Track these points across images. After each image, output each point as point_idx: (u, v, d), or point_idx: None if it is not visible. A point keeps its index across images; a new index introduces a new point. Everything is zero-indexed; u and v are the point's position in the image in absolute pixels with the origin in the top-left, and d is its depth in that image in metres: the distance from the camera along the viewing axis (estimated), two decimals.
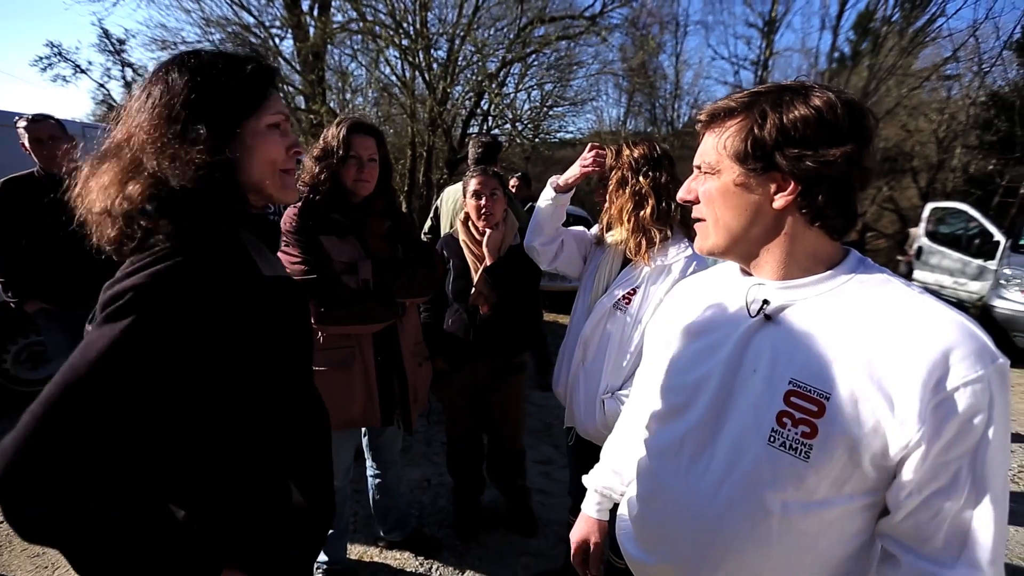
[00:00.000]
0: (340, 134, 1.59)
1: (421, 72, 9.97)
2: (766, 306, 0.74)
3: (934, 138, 12.62)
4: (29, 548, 2.24)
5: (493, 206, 2.02)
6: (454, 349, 2.13)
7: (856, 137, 0.66)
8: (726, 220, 0.75)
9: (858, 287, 0.70)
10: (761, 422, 0.71)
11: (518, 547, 2.32)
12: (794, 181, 0.69)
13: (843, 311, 0.69)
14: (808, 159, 0.67)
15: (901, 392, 0.63)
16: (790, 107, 0.68)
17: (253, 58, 0.83)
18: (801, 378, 0.69)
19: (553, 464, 3.14)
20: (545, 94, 11.58)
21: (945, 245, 6.99)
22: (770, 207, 0.71)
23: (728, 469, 0.74)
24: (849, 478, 0.67)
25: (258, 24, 9.97)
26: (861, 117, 0.67)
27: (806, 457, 0.67)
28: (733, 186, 0.73)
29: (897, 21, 11.82)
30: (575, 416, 1.62)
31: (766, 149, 0.69)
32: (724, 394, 0.77)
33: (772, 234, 0.73)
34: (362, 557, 2.22)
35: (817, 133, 0.66)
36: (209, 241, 0.76)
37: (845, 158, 0.65)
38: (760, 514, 0.71)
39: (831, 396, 0.66)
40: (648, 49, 12.02)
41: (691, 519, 0.78)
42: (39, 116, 2.62)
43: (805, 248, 0.73)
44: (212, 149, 0.75)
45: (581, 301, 1.66)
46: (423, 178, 10.79)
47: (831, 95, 0.67)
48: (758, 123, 0.69)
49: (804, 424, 0.68)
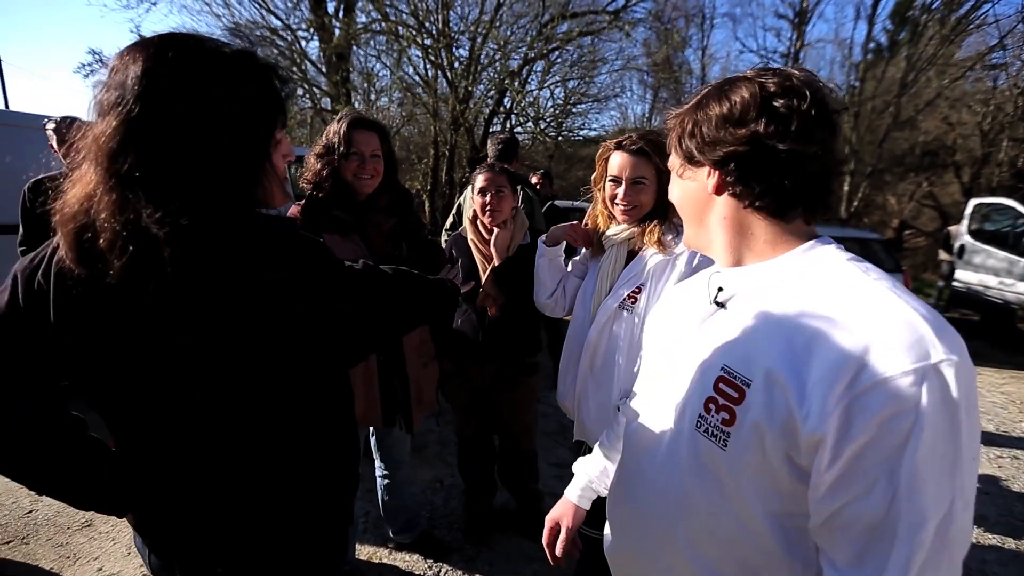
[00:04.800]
0: (341, 130, 1.57)
1: (443, 71, 10.01)
2: (720, 293, 0.77)
3: (978, 131, 12.05)
4: (54, 538, 2.31)
5: (499, 203, 1.96)
6: (463, 349, 2.10)
7: (765, 118, 0.67)
8: (681, 211, 0.82)
9: (808, 272, 0.68)
10: (693, 407, 0.72)
11: (529, 552, 2.27)
12: (711, 165, 0.72)
13: (785, 296, 0.67)
14: (712, 143, 0.71)
15: (812, 384, 0.57)
16: (709, 104, 0.72)
17: (272, 64, 0.80)
18: (731, 364, 0.68)
19: (568, 467, 3.06)
20: (568, 91, 11.49)
21: (990, 243, 6.61)
22: (707, 193, 0.75)
23: (667, 456, 0.77)
24: (764, 473, 0.63)
25: (285, 27, 10.17)
26: (780, 97, 0.66)
27: (724, 445, 0.66)
28: (678, 178, 0.80)
29: (938, 8, 11.27)
30: (585, 428, 1.54)
31: (688, 140, 0.74)
32: (676, 381, 0.79)
33: (716, 220, 0.76)
34: (371, 558, 2.21)
35: (723, 122, 0.69)
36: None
37: (746, 139, 0.67)
38: (689, 504, 0.72)
39: (751, 383, 0.64)
40: (672, 43, 11.76)
41: (640, 506, 0.82)
42: (68, 118, 2.70)
43: (753, 232, 0.73)
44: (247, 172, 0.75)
45: (580, 308, 1.59)
46: (445, 177, 10.83)
47: (755, 86, 0.68)
48: (683, 119, 0.76)
49: (725, 411, 0.67)
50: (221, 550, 0.84)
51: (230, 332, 0.74)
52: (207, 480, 0.81)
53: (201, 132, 0.70)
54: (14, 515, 2.45)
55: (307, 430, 0.87)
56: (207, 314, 0.73)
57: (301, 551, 0.88)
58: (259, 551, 0.85)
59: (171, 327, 0.73)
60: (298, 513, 0.88)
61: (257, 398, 0.78)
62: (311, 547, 0.90)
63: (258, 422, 0.80)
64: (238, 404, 0.78)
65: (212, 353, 0.74)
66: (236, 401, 0.78)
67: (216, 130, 0.71)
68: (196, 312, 0.72)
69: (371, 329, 0.97)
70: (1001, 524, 2.67)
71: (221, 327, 0.73)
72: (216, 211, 0.72)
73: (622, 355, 1.44)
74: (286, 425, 0.83)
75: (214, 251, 0.72)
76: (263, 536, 0.85)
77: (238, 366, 0.76)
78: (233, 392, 0.77)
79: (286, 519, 0.86)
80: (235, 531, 0.83)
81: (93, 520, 2.42)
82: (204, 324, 0.73)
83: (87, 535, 2.33)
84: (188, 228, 0.69)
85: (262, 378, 0.77)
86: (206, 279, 0.72)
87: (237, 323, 0.73)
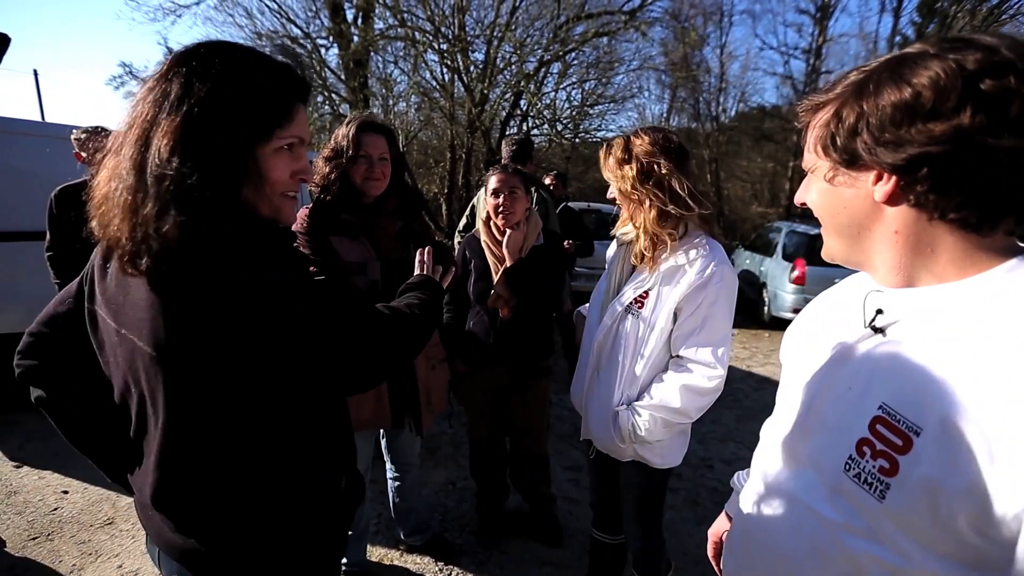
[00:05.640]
0: (350, 133, 1.58)
1: (459, 75, 10.07)
2: (879, 316, 0.64)
3: None
4: (77, 535, 2.37)
5: (512, 205, 1.95)
6: (474, 352, 2.09)
7: (971, 106, 0.51)
8: (828, 221, 0.68)
9: (1003, 300, 0.54)
10: (841, 447, 0.62)
11: (541, 557, 2.25)
12: (889, 170, 0.58)
13: (969, 330, 0.54)
14: (891, 143, 0.56)
15: (1003, 444, 0.48)
16: (879, 90, 0.57)
17: (286, 69, 0.79)
18: (893, 404, 0.57)
19: (582, 471, 3.04)
20: (585, 93, 11.43)
21: None
22: (871, 202, 0.61)
23: (803, 492, 0.67)
24: (939, 537, 0.53)
25: (305, 36, 10.36)
26: (990, 76, 0.51)
27: (881, 496, 0.57)
28: (826, 183, 0.65)
29: None
30: (590, 429, 1.53)
31: (846, 138, 0.60)
32: (813, 412, 0.69)
33: (882, 233, 0.62)
34: (382, 559, 2.21)
35: (907, 115, 0.54)
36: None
37: (945, 137, 0.52)
38: (824, 546, 0.63)
39: (922, 432, 0.54)
40: (690, 42, 11.62)
41: (763, 540, 0.74)
42: (95, 128, 2.78)
43: (935, 250, 0.59)
44: (223, 172, 0.74)
45: (594, 307, 1.56)
46: (462, 180, 10.88)
47: (949, 64, 0.53)
48: (839, 112, 0.61)
49: (884, 458, 0.57)
50: (221, 549, 0.84)
51: (228, 332, 0.74)
52: (207, 480, 0.81)
53: (193, 130, 0.72)
54: (40, 512, 2.52)
55: (306, 429, 0.87)
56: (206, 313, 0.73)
57: (301, 551, 0.88)
58: (259, 551, 0.85)
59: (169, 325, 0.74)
60: (298, 513, 0.87)
61: (256, 398, 0.78)
62: (311, 547, 0.90)
63: (258, 422, 0.80)
64: (237, 404, 0.78)
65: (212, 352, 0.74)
66: (235, 401, 0.78)
67: (206, 129, 0.72)
68: (196, 311, 0.73)
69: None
70: None
71: (219, 327, 0.73)
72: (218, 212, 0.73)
73: (627, 358, 1.41)
74: (286, 424, 0.83)
75: (217, 251, 0.72)
76: (263, 535, 0.85)
77: (238, 365, 0.76)
78: (232, 392, 0.77)
79: (286, 519, 0.86)
80: (234, 530, 0.83)
81: (115, 518, 2.48)
82: (202, 323, 0.73)
83: (109, 532, 2.39)
84: (192, 226, 0.70)
85: (261, 378, 0.77)
86: (210, 278, 0.72)
87: (237, 323, 0.73)
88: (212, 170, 0.72)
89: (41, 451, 3.09)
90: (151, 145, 0.72)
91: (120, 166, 0.75)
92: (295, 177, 0.82)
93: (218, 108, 0.73)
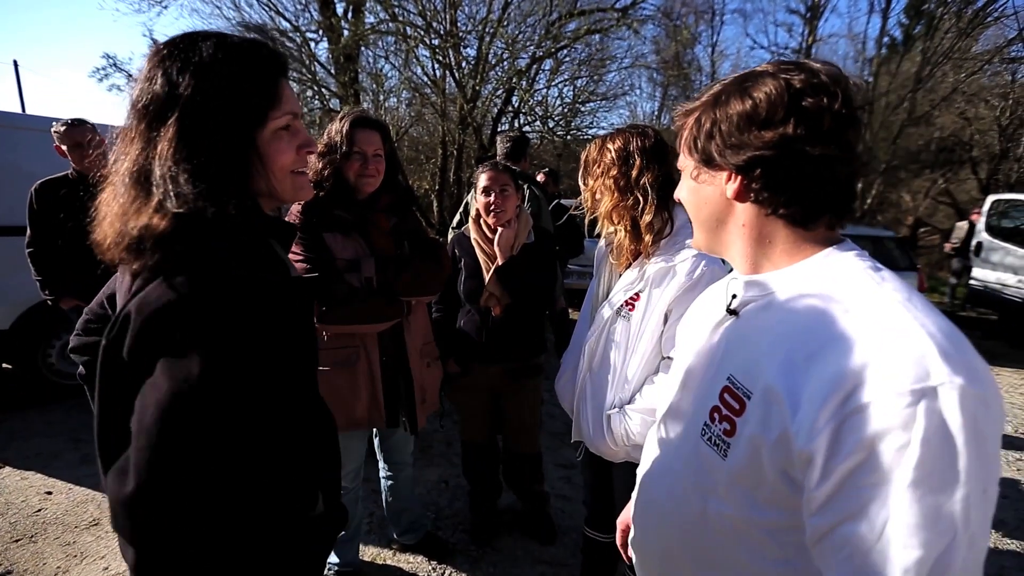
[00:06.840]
0: (343, 129, 1.55)
1: (451, 71, 9.99)
2: (733, 300, 0.75)
3: (996, 126, 11.81)
4: (61, 536, 2.32)
5: (503, 203, 1.94)
6: (466, 350, 2.07)
7: (794, 118, 0.62)
8: (694, 215, 0.77)
9: (820, 282, 0.65)
10: (700, 415, 0.72)
11: (534, 555, 2.25)
12: (734, 170, 0.68)
13: (792, 307, 0.65)
14: (735, 146, 0.66)
15: (806, 399, 0.56)
16: (729, 101, 0.67)
17: (260, 47, 0.77)
18: (737, 374, 0.68)
19: (575, 469, 3.04)
20: (577, 90, 11.41)
21: (1009, 240, 6.46)
22: (726, 199, 0.71)
23: (676, 461, 0.78)
24: (759, 486, 0.63)
25: (294, 29, 10.21)
26: (810, 95, 0.62)
27: (724, 455, 0.67)
28: (692, 181, 0.75)
29: (955, 1, 11.03)
30: (582, 431, 1.52)
31: (704, 141, 0.70)
32: (688, 388, 0.79)
33: (734, 226, 0.72)
34: (375, 559, 2.20)
35: (748, 122, 0.65)
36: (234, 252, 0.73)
37: (774, 142, 0.63)
38: (691, 509, 0.72)
39: (752, 395, 0.64)
40: (682, 40, 11.64)
41: (652, 507, 0.83)
42: (75, 120, 2.72)
43: (771, 241, 0.70)
44: (226, 164, 0.72)
45: (585, 306, 1.55)
46: (454, 176, 10.82)
47: (780, 83, 0.63)
48: (699, 118, 0.71)
49: (726, 421, 0.67)
50: (219, 548, 0.82)
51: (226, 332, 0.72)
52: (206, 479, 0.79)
53: (190, 136, 0.70)
54: (23, 513, 2.47)
55: (305, 429, 0.85)
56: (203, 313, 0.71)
57: (301, 551, 0.86)
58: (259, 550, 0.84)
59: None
60: (298, 512, 0.86)
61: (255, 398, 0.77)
62: (311, 547, 0.88)
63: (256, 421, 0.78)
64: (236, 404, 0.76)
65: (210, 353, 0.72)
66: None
67: (199, 117, 0.70)
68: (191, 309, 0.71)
69: None
70: (1021, 529, 2.59)
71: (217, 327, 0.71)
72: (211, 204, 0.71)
73: (619, 360, 1.40)
74: (286, 424, 0.81)
75: (208, 247, 0.70)
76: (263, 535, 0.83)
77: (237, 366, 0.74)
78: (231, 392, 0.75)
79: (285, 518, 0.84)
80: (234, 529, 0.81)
81: (100, 519, 2.44)
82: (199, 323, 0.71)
83: (94, 534, 2.35)
84: (186, 220, 0.69)
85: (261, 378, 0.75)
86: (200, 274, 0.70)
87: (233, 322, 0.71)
88: (218, 170, 0.71)
89: (24, 451, 3.03)
90: (151, 158, 0.71)
91: (120, 182, 0.74)
92: (301, 152, 0.80)
93: (209, 108, 0.71)
